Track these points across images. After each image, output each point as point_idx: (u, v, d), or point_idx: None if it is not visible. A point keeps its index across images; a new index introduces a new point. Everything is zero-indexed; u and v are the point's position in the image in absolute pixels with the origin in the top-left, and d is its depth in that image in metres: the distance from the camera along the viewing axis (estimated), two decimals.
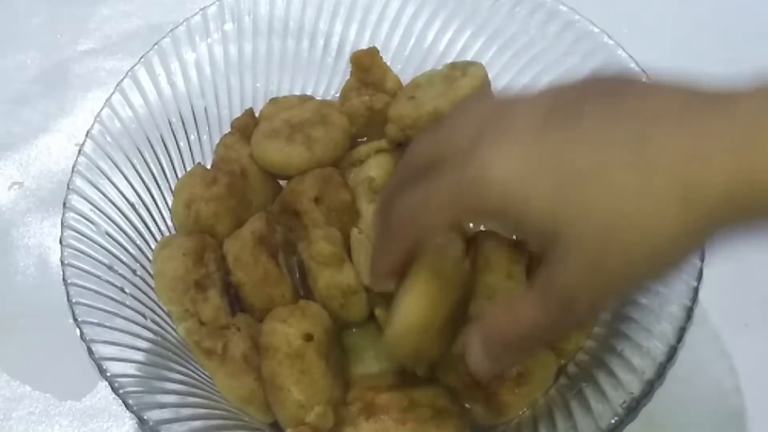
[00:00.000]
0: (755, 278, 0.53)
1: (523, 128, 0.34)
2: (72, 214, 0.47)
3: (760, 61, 0.31)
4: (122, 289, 0.46)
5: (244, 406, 0.45)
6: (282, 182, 0.53)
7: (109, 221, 0.48)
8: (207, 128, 0.55)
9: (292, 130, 0.51)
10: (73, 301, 0.44)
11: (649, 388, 0.40)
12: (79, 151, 0.49)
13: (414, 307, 0.39)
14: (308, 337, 0.43)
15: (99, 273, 0.46)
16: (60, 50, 0.65)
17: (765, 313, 0.52)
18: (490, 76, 0.51)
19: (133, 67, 0.52)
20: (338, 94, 0.57)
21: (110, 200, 0.49)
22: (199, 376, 0.45)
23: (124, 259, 0.47)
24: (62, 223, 0.46)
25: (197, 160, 0.54)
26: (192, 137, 0.54)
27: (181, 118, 0.53)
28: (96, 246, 0.47)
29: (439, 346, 0.42)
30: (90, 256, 0.46)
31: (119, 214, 0.49)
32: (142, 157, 0.51)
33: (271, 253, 0.47)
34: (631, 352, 0.42)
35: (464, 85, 0.49)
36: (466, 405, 0.44)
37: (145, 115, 0.52)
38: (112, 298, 0.45)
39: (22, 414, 0.51)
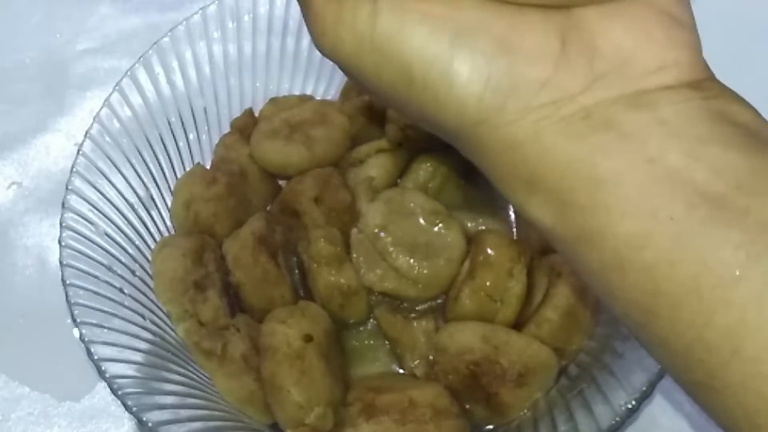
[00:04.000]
0: None
1: None
2: (71, 215, 0.47)
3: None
4: (121, 290, 0.46)
5: (244, 407, 0.45)
6: (282, 182, 0.53)
7: (108, 221, 0.48)
8: (206, 128, 0.55)
9: (292, 129, 0.51)
10: (72, 301, 0.43)
11: (651, 389, 0.40)
12: (78, 151, 0.49)
13: None
14: (308, 338, 0.43)
15: (98, 273, 0.46)
16: (59, 49, 0.65)
17: None
18: None
19: (132, 66, 0.52)
20: (338, 94, 0.56)
21: (109, 200, 0.49)
22: (199, 377, 0.45)
23: (123, 260, 0.47)
24: (61, 224, 0.46)
25: (197, 160, 0.54)
26: (191, 137, 0.54)
27: (181, 117, 0.53)
28: (95, 246, 0.47)
29: None
30: (89, 256, 0.46)
31: (118, 214, 0.49)
32: (141, 157, 0.51)
33: (270, 253, 0.47)
34: (632, 353, 0.42)
35: None
36: (466, 405, 0.44)
37: (144, 114, 0.52)
38: (111, 299, 0.45)
39: (20, 415, 0.51)
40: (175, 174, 0.53)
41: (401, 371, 0.47)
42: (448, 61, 0.25)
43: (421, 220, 0.47)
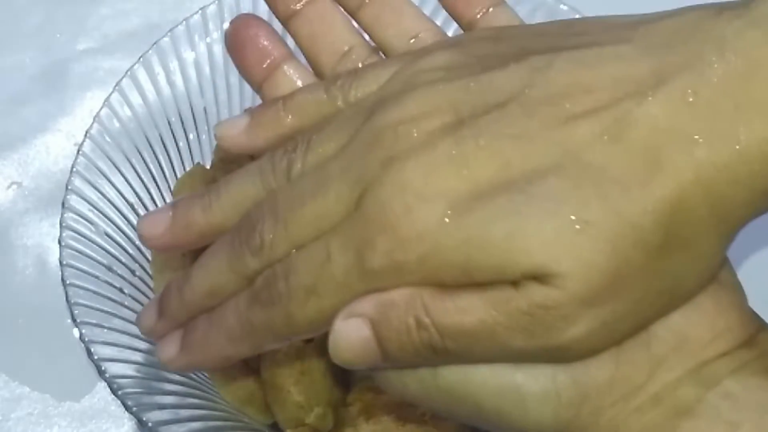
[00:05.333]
0: (759, 280, 0.52)
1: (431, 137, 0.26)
2: (71, 215, 0.47)
3: None
4: (121, 290, 0.46)
5: (244, 407, 0.45)
6: None
7: (108, 221, 0.48)
8: (207, 128, 0.54)
9: None
10: (72, 301, 0.43)
11: None
12: (78, 151, 0.49)
13: None
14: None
15: (98, 273, 0.46)
16: (59, 49, 0.65)
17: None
18: None
19: (132, 66, 0.52)
20: None
21: (109, 200, 0.49)
22: (199, 377, 0.45)
23: (123, 260, 0.47)
24: (61, 224, 0.46)
25: (197, 160, 0.54)
26: (191, 137, 0.54)
27: (181, 117, 0.53)
28: (95, 246, 0.46)
29: None
30: (89, 256, 0.46)
31: (118, 214, 0.49)
32: (141, 157, 0.51)
33: None
34: None
35: None
36: None
37: (144, 114, 0.52)
38: (111, 299, 0.45)
39: (20, 415, 0.51)
40: (175, 174, 0.52)
41: None
42: (515, 390, 0.26)
43: None
